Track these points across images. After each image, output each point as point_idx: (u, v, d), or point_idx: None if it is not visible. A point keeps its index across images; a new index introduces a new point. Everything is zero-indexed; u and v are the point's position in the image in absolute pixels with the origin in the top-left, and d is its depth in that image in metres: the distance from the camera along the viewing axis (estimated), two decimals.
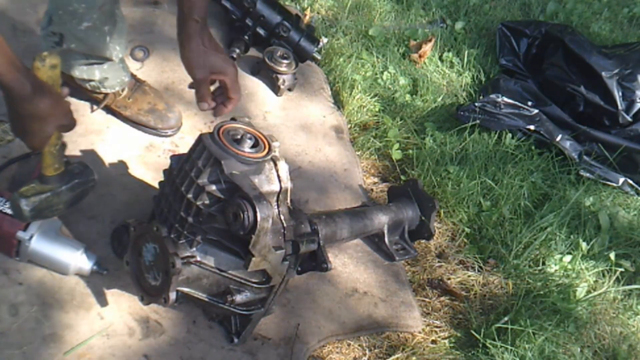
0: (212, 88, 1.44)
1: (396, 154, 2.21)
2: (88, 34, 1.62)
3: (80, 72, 1.72)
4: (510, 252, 1.99)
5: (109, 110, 1.88)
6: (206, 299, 1.40)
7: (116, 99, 1.84)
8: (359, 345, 1.70)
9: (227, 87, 1.43)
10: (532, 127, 2.37)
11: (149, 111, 1.87)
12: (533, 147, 2.34)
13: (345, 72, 2.40)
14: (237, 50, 2.23)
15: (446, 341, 1.78)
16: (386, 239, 1.88)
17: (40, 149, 1.34)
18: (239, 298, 1.41)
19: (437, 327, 1.81)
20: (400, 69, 2.53)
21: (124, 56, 1.81)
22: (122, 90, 1.84)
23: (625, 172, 2.36)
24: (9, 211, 1.47)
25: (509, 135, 2.34)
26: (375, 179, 2.18)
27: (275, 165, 1.38)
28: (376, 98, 2.39)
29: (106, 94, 1.82)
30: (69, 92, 1.35)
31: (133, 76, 1.89)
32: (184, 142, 1.93)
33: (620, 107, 2.42)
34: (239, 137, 1.36)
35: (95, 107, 1.86)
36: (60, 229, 1.54)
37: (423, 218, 1.91)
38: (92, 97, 1.83)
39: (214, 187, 1.31)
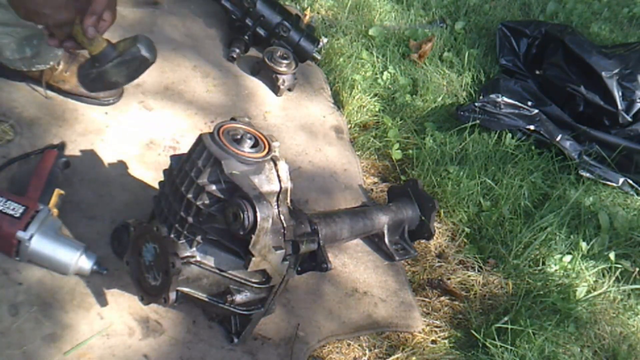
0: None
1: (396, 154, 2.21)
2: None
3: (11, 52, 1.70)
4: (510, 252, 1.99)
5: (50, 87, 1.86)
6: (206, 299, 1.40)
7: (53, 75, 1.83)
8: (359, 345, 1.70)
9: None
10: (532, 127, 2.37)
11: None
12: (533, 147, 2.35)
13: (345, 72, 2.40)
14: (237, 50, 2.24)
15: (446, 341, 1.78)
16: (386, 239, 1.88)
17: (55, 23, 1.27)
18: (238, 298, 1.41)
19: (437, 327, 1.81)
20: (400, 69, 2.53)
21: None
22: (58, 65, 1.83)
23: (625, 172, 2.36)
24: (9, 211, 1.47)
25: (509, 135, 2.35)
26: (375, 179, 2.18)
27: (275, 165, 1.38)
28: (376, 98, 2.40)
29: (42, 71, 1.81)
30: None
31: None
32: (184, 141, 1.93)
33: (620, 107, 2.43)
34: (239, 137, 1.36)
35: (42, 90, 1.84)
36: (60, 229, 1.54)
37: (423, 218, 1.91)
38: (29, 75, 1.82)
39: (213, 187, 1.31)
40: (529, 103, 2.45)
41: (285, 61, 2.21)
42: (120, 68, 1.31)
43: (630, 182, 2.35)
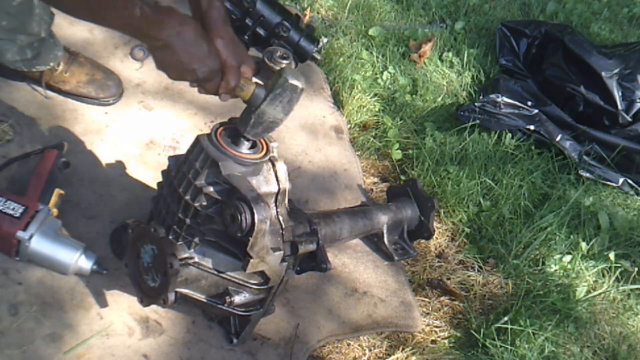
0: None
1: (396, 154, 2.21)
2: (19, 9, 1.61)
3: (12, 54, 1.71)
4: (510, 252, 1.99)
5: (50, 87, 1.86)
6: (205, 300, 1.40)
7: (53, 75, 1.84)
8: (359, 345, 1.70)
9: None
10: (532, 127, 2.37)
11: (88, 82, 1.88)
12: (533, 147, 2.34)
13: (345, 72, 2.40)
14: None
15: (446, 341, 1.78)
16: (385, 239, 1.88)
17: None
18: (237, 299, 1.41)
19: (436, 327, 1.81)
20: (400, 69, 2.53)
21: (52, 31, 1.78)
22: (58, 66, 1.83)
23: (625, 172, 2.36)
24: (8, 211, 1.47)
25: (509, 135, 2.34)
26: (375, 179, 2.18)
27: (274, 166, 1.38)
28: (376, 98, 2.40)
29: (42, 72, 1.81)
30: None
31: (66, 49, 1.88)
32: (184, 141, 1.93)
33: (620, 107, 2.42)
34: (236, 138, 1.36)
35: (42, 91, 1.85)
36: (60, 229, 1.54)
37: (422, 218, 1.91)
38: (29, 76, 1.82)
39: (211, 189, 1.31)
40: (529, 103, 2.45)
41: (285, 61, 2.20)
42: (274, 104, 1.31)
43: (630, 182, 2.35)
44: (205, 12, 1.29)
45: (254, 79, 1.36)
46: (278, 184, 1.37)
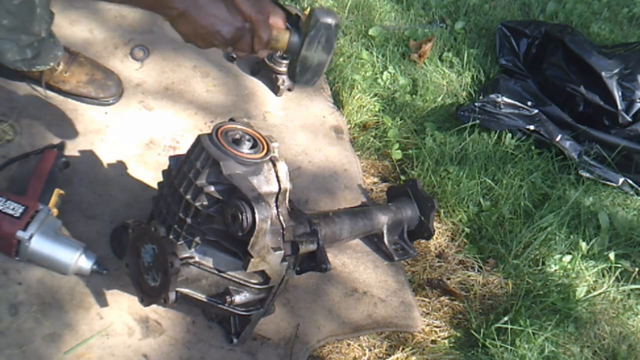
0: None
1: (396, 154, 2.21)
2: (20, 8, 1.61)
3: (12, 54, 1.71)
4: (510, 252, 1.99)
5: (49, 87, 1.86)
6: (205, 300, 1.40)
7: (53, 75, 1.84)
8: (359, 345, 1.70)
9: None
10: (532, 127, 2.36)
11: (88, 82, 1.88)
12: (533, 147, 2.34)
13: (345, 72, 2.40)
14: None
15: (446, 341, 1.78)
16: (385, 239, 1.88)
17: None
18: (238, 299, 1.41)
19: (436, 327, 1.81)
20: (400, 69, 2.53)
21: (53, 32, 1.78)
22: (58, 65, 1.83)
23: (625, 172, 2.35)
24: (8, 211, 1.47)
25: (509, 135, 2.34)
26: (375, 179, 2.18)
27: (274, 166, 1.38)
28: (376, 98, 2.40)
29: (42, 72, 1.81)
30: None
31: (66, 49, 1.87)
32: (184, 141, 1.93)
33: (620, 107, 2.42)
34: (237, 137, 1.36)
35: (42, 90, 1.85)
36: (60, 229, 1.54)
37: (422, 218, 1.91)
38: (29, 75, 1.82)
39: (212, 188, 1.31)
40: (529, 103, 2.45)
41: (285, 61, 2.21)
42: (313, 47, 1.28)
43: (630, 182, 2.34)
44: None
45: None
46: (279, 184, 1.37)
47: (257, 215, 1.24)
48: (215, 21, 1.21)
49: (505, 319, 1.79)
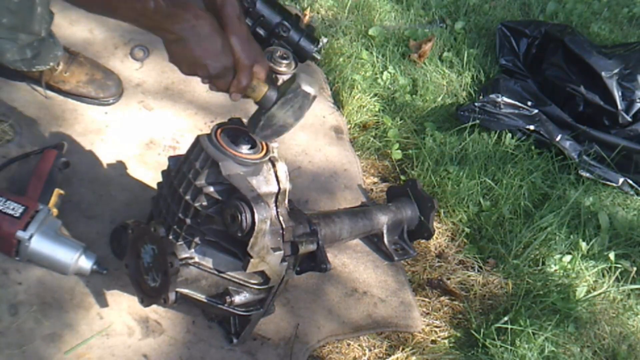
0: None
1: (396, 154, 2.21)
2: (20, 6, 1.61)
3: (12, 54, 1.71)
4: (510, 252, 1.99)
5: (49, 87, 1.86)
6: (205, 300, 1.40)
7: (53, 75, 1.84)
8: (359, 345, 1.70)
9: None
10: (532, 127, 2.36)
11: (88, 82, 1.88)
12: (533, 147, 2.34)
13: (345, 72, 2.40)
14: None
15: (446, 341, 1.78)
16: (385, 239, 1.88)
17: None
18: (237, 299, 1.41)
19: (436, 327, 1.81)
20: (400, 69, 2.53)
21: (53, 32, 1.78)
22: (58, 65, 1.83)
23: (625, 172, 2.35)
24: (8, 211, 1.47)
25: (509, 135, 2.34)
26: (375, 179, 2.18)
27: (274, 166, 1.38)
28: (376, 98, 2.40)
29: (42, 72, 1.81)
30: None
31: (66, 49, 1.88)
32: (184, 141, 1.93)
33: (619, 107, 2.42)
34: (236, 138, 1.36)
35: (42, 90, 1.85)
36: (60, 229, 1.54)
37: (422, 218, 1.91)
38: (28, 75, 1.82)
39: (211, 189, 1.31)
40: (529, 103, 2.45)
41: (285, 61, 2.19)
42: (285, 108, 1.30)
43: (630, 182, 2.34)
44: (220, 8, 1.26)
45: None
46: (278, 184, 1.37)
47: (256, 216, 1.24)
48: (207, 54, 1.22)
49: (505, 319, 1.79)
